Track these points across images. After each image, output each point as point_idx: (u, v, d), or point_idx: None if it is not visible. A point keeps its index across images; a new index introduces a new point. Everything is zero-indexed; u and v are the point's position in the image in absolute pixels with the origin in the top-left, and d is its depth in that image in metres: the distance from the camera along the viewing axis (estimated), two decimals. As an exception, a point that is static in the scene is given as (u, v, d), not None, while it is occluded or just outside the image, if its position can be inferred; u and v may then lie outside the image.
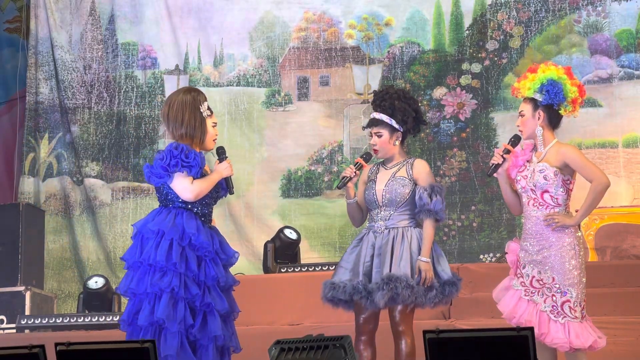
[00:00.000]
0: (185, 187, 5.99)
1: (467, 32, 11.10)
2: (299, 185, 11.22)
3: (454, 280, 6.28)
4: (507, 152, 6.19)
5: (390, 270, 6.16)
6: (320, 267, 9.32)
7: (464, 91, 11.02)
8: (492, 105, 10.97)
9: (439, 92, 11.06)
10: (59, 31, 11.64)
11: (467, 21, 11.11)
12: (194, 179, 6.01)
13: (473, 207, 10.83)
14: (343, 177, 6.36)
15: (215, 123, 6.22)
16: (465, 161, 10.92)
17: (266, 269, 9.46)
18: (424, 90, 11.07)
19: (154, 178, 6.05)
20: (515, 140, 6.23)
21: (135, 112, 11.50)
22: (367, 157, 6.49)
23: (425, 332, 4.99)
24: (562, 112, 6.16)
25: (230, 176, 6.18)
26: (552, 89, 6.09)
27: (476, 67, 11.02)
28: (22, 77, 11.74)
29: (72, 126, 11.49)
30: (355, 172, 6.36)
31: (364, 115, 11.21)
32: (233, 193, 6.27)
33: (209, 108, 6.19)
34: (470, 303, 8.24)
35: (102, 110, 11.54)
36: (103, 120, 11.53)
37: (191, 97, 6.14)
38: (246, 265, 10.68)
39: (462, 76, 11.04)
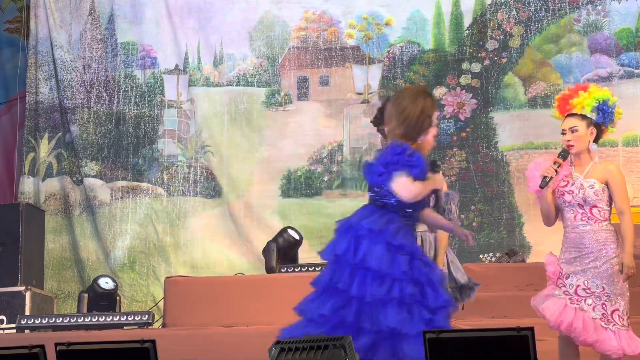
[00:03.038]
0: (405, 185, 5.71)
1: (467, 31, 11.09)
2: (298, 185, 11.21)
3: (471, 284, 6.37)
4: (559, 165, 6.28)
5: None
6: (320, 267, 9.29)
7: (463, 91, 11.02)
8: (492, 105, 10.97)
9: (438, 91, 11.05)
10: (59, 31, 11.63)
11: (467, 21, 11.10)
12: (414, 180, 5.77)
13: (473, 207, 10.82)
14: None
15: (434, 135, 5.96)
16: (465, 161, 10.91)
17: (269, 269, 9.39)
18: (424, 90, 11.04)
19: (374, 176, 5.84)
20: (565, 154, 6.32)
21: (135, 112, 11.49)
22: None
23: (425, 332, 4.99)
24: (608, 131, 6.42)
25: (439, 190, 5.95)
26: (606, 109, 6.34)
27: (476, 67, 11.02)
28: (22, 77, 11.73)
29: (72, 126, 11.48)
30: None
31: (364, 115, 11.21)
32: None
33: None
34: (470, 303, 8.22)
35: (101, 109, 11.53)
36: (102, 119, 11.52)
37: (432, 102, 5.93)
38: (246, 265, 10.66)
39: (462, 76, 11.03)
